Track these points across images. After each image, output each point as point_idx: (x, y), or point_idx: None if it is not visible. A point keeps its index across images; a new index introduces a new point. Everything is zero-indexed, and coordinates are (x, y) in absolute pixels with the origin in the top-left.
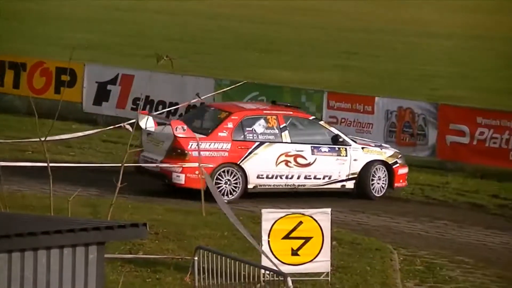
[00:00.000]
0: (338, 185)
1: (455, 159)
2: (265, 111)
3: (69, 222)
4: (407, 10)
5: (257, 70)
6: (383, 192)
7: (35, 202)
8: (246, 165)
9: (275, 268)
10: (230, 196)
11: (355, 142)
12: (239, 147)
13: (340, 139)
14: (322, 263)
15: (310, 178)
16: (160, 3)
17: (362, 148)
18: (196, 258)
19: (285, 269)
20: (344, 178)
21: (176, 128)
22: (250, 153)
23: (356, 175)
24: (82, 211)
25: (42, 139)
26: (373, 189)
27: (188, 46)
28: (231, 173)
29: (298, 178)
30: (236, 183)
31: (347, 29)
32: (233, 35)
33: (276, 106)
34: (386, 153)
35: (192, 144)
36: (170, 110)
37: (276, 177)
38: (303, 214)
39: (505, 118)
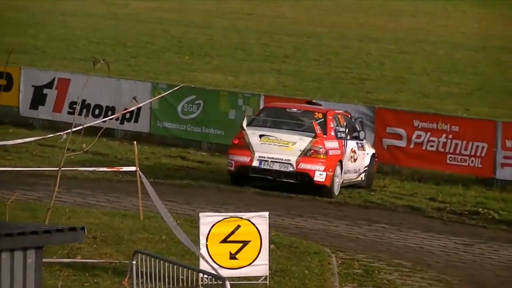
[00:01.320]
0: (359, 178)
1: (392, 162)
2: (336, 111)
3: (7, 226)
4: (352, 14)
5: (193, 74)
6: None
7: None
8: (344, 162)
9: (213, 272)
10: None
11: None
12: (341, 145)
13: (361, 135)
14: (260, 267)
15: (352, 173)
16: (98, 7)
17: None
18: (134, 262)
19: (223, 273)
20: (362, 171)
21: (318, 128)
22: (344, 150)
23: (367, 168)
24: (20, 215)
25: None
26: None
27: (124, 50)
28: (341, 170)
29: (347, 173)
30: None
31: (288, 33)
32: (170, 39)
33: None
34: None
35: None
36: (113, 115)
37: (345, 173)
38: (241, 217)
39: (442, 121)
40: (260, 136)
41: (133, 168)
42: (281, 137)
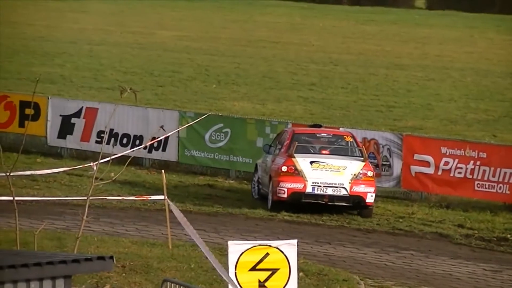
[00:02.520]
0: None
1: (420, 189)
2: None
3: (36, 255)
4: (379, 41)
5: (220, 102)
6: None
7: (1, 236)
8: None
9: None
10: None
11: None
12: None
13: None
14: None
15: None
16: (124, 36)
17: None
18: None
19: None
20: None
21: (369, 154)
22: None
23: None
24: (48, 244)
25: (7, 173)
26: None
27: (151, 79)
28: None
29: None
30: None
31: (314, 61)
32: (197, 68)
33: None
34: None
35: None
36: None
37: None
38: (269, 245)
39: (470, 148)
40: (311, 162)
41: (161, 197)
42: (332, 162)
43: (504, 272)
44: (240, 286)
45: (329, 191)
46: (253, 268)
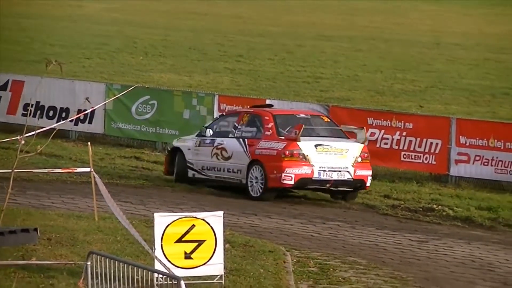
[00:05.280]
0: None
1: None
2: None
3: None
4: (306, 13)
5: (147, 74)
6: None
7: None
8: None
9: (168, 271)
10: None
11: None
12: None
13: None
14: (215, 266)
15: None
16: (53, 9)
17: None
18: (89, 263)
19: (178, 272)
20: None
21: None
22: None
23: None
24: None
25: None
26: None
27: (78, 52)
28: None
29: None
30: None
31: (242, 33)
32: (124, 40)
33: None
34: None
35: None
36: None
37: None
38: (195, 217)
39: (396, 119)
40: (316, 146)
41: (87, 169)
42: (335, 145)
43: (430, 242)
44: (166, 258)
45: (334, 176)
46: (179, 240)
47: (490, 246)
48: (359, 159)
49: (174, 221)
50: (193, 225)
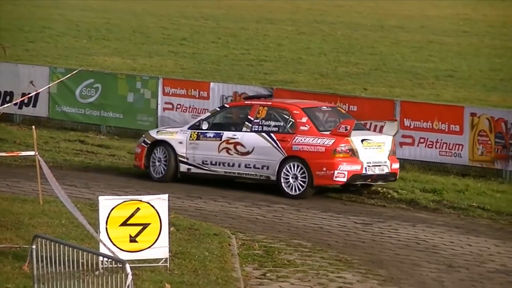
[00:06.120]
0: None
1: None
2: None
3: None
4: None
5: (91, 58)
6: None
7: None
8: None
9: (113, 255)
10: None
11: None
12: None
13: None
14: (160, 249)
15: None
16: None
17: None
18: (34, 246)
19: (123, 256)
20: None
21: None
22: None
23: None
24: None
25: None
26: None
27: (21, 35)
28: None
29: None
30: None
31: (185, 16)
32: (68, 23)
33: None
34: None
35: None
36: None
37: None
38: (140, 200)
39: (340, 101)
40: (362, 140)
41: (32, 153)
42: (376, 139)
43: (375, 224)
44: (111, 241)
45: (376, 170)
46: (124, 223)
47: (435, 229)
48: (392, 153)
49: (118, 204)
50: (138, 208)
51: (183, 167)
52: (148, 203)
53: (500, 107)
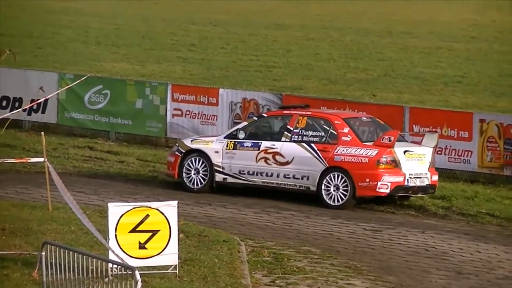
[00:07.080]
0: None
1: None
2: None
3: None
4: (258, 1)
5: (99, 64)
6: None
7: None
8: None
9: (122, 262)
10: None
11: None
12: None
13: None
14: (170, 256)
15: None
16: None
17: None
18: (43, 253)
19: (133, 263)
20: None
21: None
22: None
23: None
24: None
25: None
26: None
27: (30, 41)
28: None
29: None
30: None
31: (194, 22)
32: (76, 29)
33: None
34: None
35: None
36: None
37: None
38: (149, 207)
39: (349, 107)
40: (404, 152)
41: (41, 159)
42: (417, 151)
43: (384, 231)
44: (120, 248)
45: (418, 182)
46: (134, 230)
47: (444, 235)
48: (432, 164)
49: (128, 211)
50: (147, 215)
51: (218, 177)
52: (158, 209)
53: (509, 113)
